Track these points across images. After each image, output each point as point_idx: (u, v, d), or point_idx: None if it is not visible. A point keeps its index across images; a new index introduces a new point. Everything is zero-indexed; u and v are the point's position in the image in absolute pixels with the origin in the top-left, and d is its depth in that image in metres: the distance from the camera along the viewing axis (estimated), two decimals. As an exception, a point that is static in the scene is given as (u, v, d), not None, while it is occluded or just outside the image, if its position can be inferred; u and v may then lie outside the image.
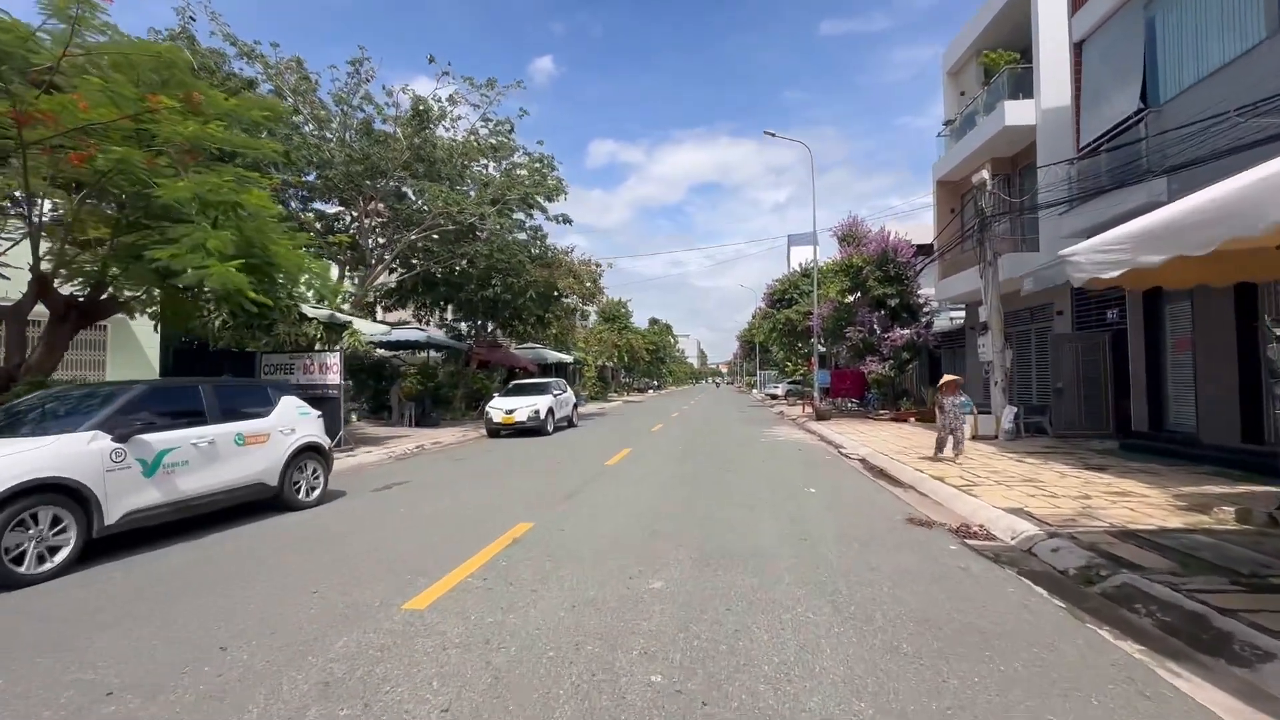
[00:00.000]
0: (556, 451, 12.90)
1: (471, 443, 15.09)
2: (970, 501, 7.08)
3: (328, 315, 11.49)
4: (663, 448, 13.16)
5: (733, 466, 10.39)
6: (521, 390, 17.33)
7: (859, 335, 19.79)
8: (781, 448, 13.48)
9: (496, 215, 16.34)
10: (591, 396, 39.00)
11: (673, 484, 8.67)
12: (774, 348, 42.17)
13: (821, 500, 7.56)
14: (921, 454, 11.10)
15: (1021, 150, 15.76)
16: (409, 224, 17.60)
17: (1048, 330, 15.31)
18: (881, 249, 19.50)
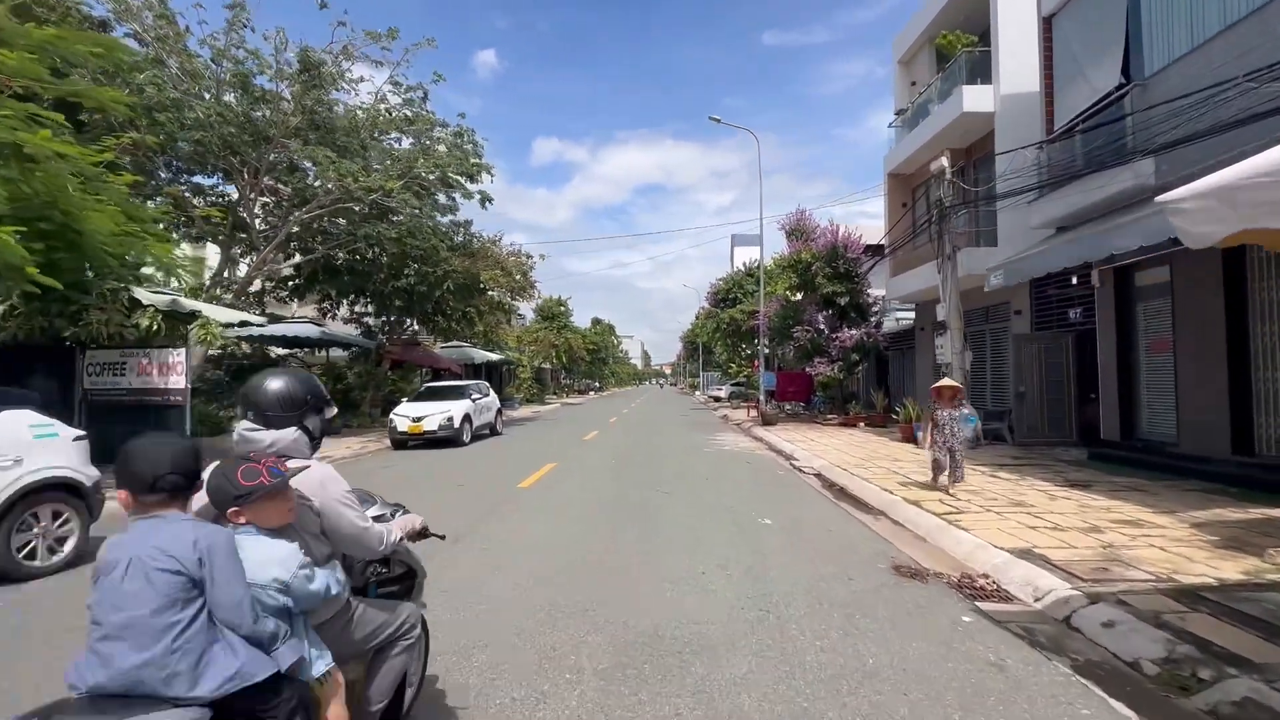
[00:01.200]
0: (465, 468, 10.91)
1: (368, 457, 12.86)
2: (961, 537, 5.66)
3: (168, 302, 9.12)
4: (593, 462, 11.39)
5: (673, 487, 8.74)
6: (435, 394, 15.17)
7: (807, 335, 18.66)
8: (728, 460, 11.96)
9: (403, 191, 14.10)
10: (526, 399, 36.76)
11: (596, 516, 6.91)
12: (717, 348, 41.14)
13: (781, 537, 5.97)
14: (884, 467, 9.80)
15: (977, 140, 14.90)
16: (304, 202, 15.11)
17: (1004, 331, 14.49)
18: (831, 244, 18.44)
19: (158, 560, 1.46)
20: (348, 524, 1.93)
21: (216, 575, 1.51)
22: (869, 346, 18.34)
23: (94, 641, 1.44)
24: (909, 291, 17.04)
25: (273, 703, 1.53)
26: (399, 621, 2.17)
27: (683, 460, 11.72)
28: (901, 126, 17.84)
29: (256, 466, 1.72)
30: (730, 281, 35.82)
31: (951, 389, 7.66)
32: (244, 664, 1.49)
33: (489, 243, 20.46)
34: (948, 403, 7.51)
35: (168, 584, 1.45)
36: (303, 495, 1.85)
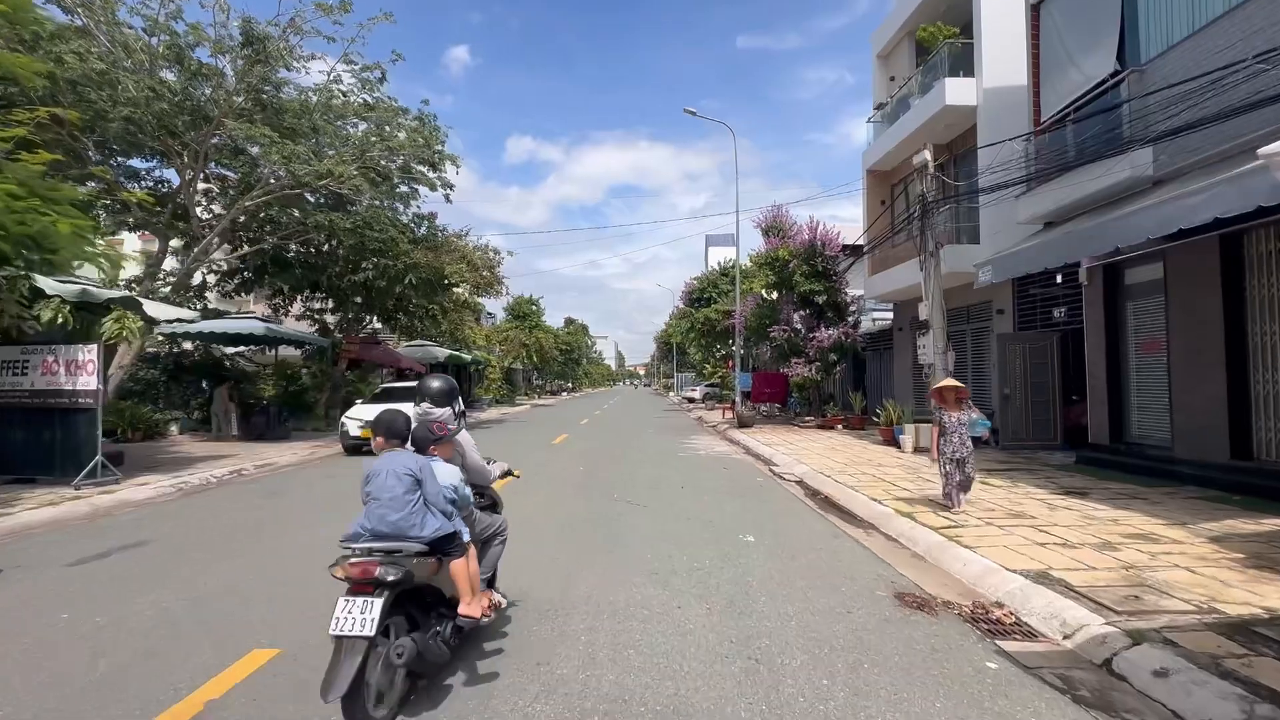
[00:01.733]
0: (420, 476, 10.01)
1: (316, 464, 11.85)
2: (966, 557, 5.06)
3: (77, 292, 8.06)
4: (560, 469, 10.61)
5: (646, 498, 8.02)
6: (392, 396, 14.15)
7: (784, 335, 18.14)
8: (704, 466, 11.29)
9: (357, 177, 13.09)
10: (496, 400, 35.70)
11: (558, 535, 6.15)
12: (691, 349, 40.62)
13: (766, 558, 5.30)
14: (868, 473, 9.23)
15: (959, 135, 14.54)
16: (250, 188, 13.98)
17: (986, 331, 14.14)
18: (809, 241, 17.95)
19: (399, 470, 2.85)
20: (474, 462, 3.55)
21: (426, 480, 2.90)
22: (847, 347, 17.90)
23: (372, 508, 2.83)
24: (887, 290, 16.64)
25: (450, 546, 2.94)
26: (496, 525, 3.69)
27: (657, 466, 11.01)
28: (880, 122, 17.46)
29: (438, 426, 3.18)
30: (705, 281, 35.31)
31: (955, 390, 6.77)
32: (441, 524, 2.88)
33: (454, 237, 19.48)
34: (953, 406, 6.67)
35: (406, 482, 2.84)
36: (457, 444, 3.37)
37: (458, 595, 3.03)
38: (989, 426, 6.99)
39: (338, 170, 12.56)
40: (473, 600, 3.04)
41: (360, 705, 2.46)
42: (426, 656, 2.81)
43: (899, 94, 16.39)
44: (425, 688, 2.98)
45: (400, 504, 2.80)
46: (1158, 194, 7.54)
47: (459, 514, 3.09)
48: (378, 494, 2.84)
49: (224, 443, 14.12)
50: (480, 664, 3.28)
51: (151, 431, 14.41)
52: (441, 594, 3.06)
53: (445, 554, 2.93)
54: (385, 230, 14.59)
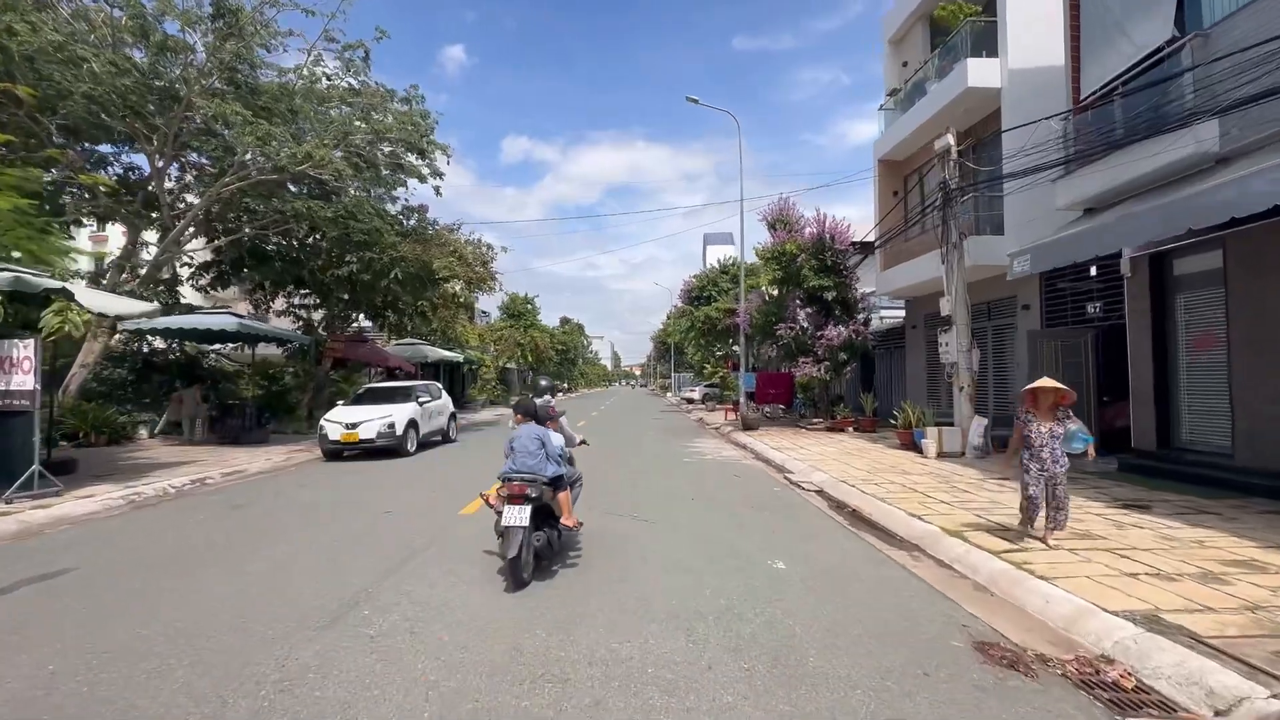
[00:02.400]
0: (400, 487, 9.11)
1: (290, 471, 10.91)
2: (1048, 592, 4.19)
3: (9, 280, 7.11)
4: (556, 476, 9.70)
5: (654, 512, 7.13)
6: (376, 397, 13.25)
7: (791, 333, 17.28)
8: (714, 474, 10.41)
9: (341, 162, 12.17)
10: (490, 401, 34.72)
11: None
12: (690, 348, 39.76)
13: (804, 592, 4.42)
14: (895, 481, 8.36)
15: (980, 121, 13.71)
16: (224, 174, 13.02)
17: (1010, 328, 13.32)
18: (818, 235, 17.11)
19: (532, 435, 4.77)
20: (568, 434, 5.72)
21: (547, 442, 4.79)
22: (858, 346, 17.05)
23: (517, 457, 4.65)
24: (901, 286, 15.81)
25: (560, 482, 4.83)
26: (578, 475, 5.70)
27: (662, 475, 10.12)
28: (893, 109, 16.63)
29: (552, 410, 5.58)
30: (704, 279, 34.42)
31: (1055, 392, 5.24)
32: (555, 469, 4.74)
33: (445, 230, 18.53)
34: (1048, 413, 5.22)
35: (536, 443, 4.71)
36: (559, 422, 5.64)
37: (560, 513, 4.95)
38: (1091, 441, 5.44)
39: (318, 154, 11.61)
40: (569, 517, 5.01)
41: (518, 566, 4.37)
42: (550, 545, 4.76)
43: (913, 79, 15.56)
44: (543, 567, 4.85)
45: (534, 455, 4.72)
46: (1226, 171, 6.72)
47: (564, 465, 5.08)
48: (520, 449, 4.75)
49: (196, 447, 13.15)
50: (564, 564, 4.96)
51: (117, 435, 13.42)
52: (552, 512, 4.91)
53: (557, 487, 4.88)
54: (369, 220, 13.66)
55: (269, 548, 5.58)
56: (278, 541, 5.81)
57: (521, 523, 4.38)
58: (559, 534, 4.93)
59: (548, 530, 4.77)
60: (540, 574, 4.71)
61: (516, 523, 4.38)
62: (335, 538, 5.94)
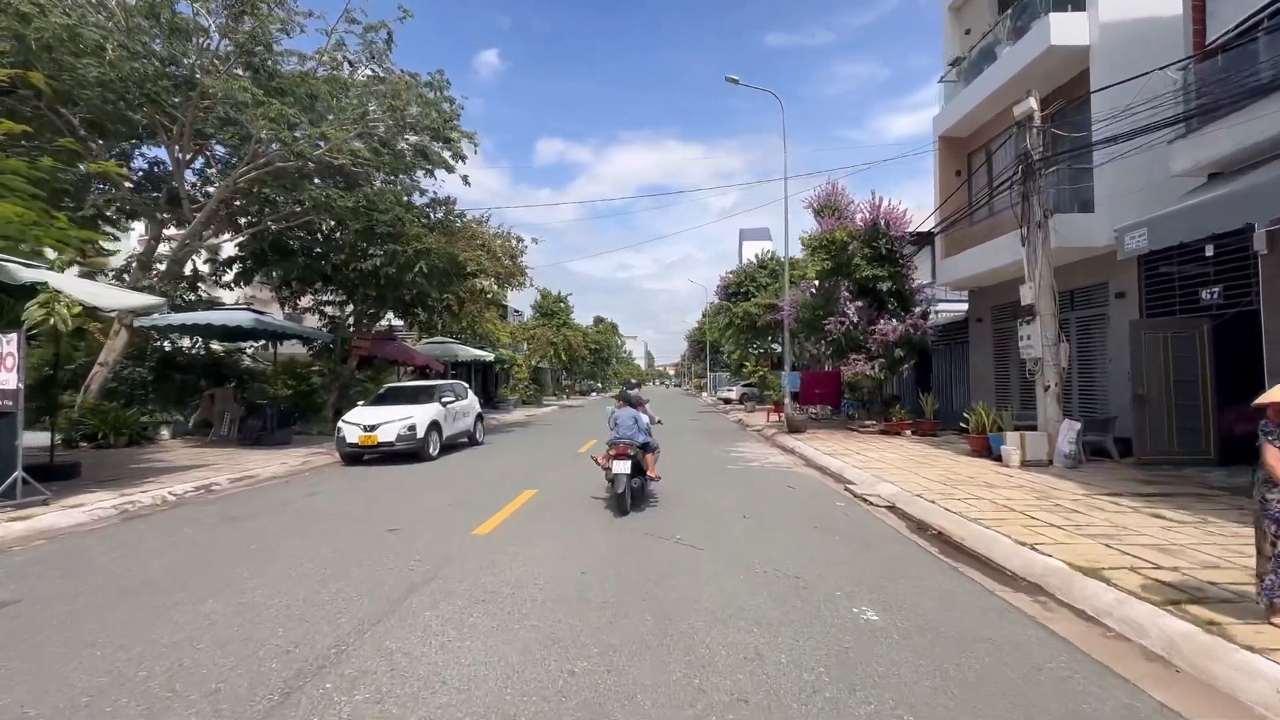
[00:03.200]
0: (413, 498, 8.23)
1: (304, 477, 10.18)
2: (1264, 669, 2.95)
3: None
4: (585, 486, 8.69)
5: (699, 533, 6.04)
6: (398, 397, 12.50)
7: (841, 329, 15.93)
8: (762, 483, 9.25)
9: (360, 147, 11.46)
10: (523, 401, 34.11)
11: (577, 602, 4.21)
12: (728, 346, 38.42)
13: (914, 659, 3.26)
14: (980, 496, 7.05)
15: (1060, 86, 12.16)
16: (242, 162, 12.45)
17: (1100, 320, 11.75)
18: (871, 221, 15.72)
19: (630, 415, 7.31)
20: (650, 414, 7.85)
21: (640, 417, 7.32)
22: (916, 341, 15.59)
23: (620, 429, 7.16)
24: (964, 275, 14.32)
25: (649, 448, 7.26)
26: (657, 444, 7.63)
27: (706, 484, 9.00)
28: (955, 81, 15.12)
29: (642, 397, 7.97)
30: (742, 274, 33.12)
31: None
32: (645, 438, 7.18)
33: (474, 223, 17.77)
34: None
35: (632, 420, 7.23)
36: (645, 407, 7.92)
37: (646, 469, 7.11)
38: None
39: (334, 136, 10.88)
40: (652, 470, 7.25)
41: (623, 500, 6.63)
42: (643, 489, 7.21)
43: (980, 44, 14.05)
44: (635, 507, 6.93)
45: (631, 428, 7.11)
46: None
47: (649, 436, 7.30)
48: (622, 424, 7.18)
49: (217, 449, 12.63)
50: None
51: (138, 436, 13.02)
52: (642, 468, 7.06)
53: (645, 450, 7.11)
54: (391, 209, 12.92)
55: (242, 578, 4.69)
56: (255, 569, 4.93)
57: (624, 471, 6.78)
58: (645, 482, 7.33)
59: (640, 479, 7.13)
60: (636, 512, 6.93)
61: (621, 471, 6.78)
62: (324, 564, 5.03)
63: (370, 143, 12.14)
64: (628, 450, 6.84)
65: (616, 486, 6.69)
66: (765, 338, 31.56)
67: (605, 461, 6.91)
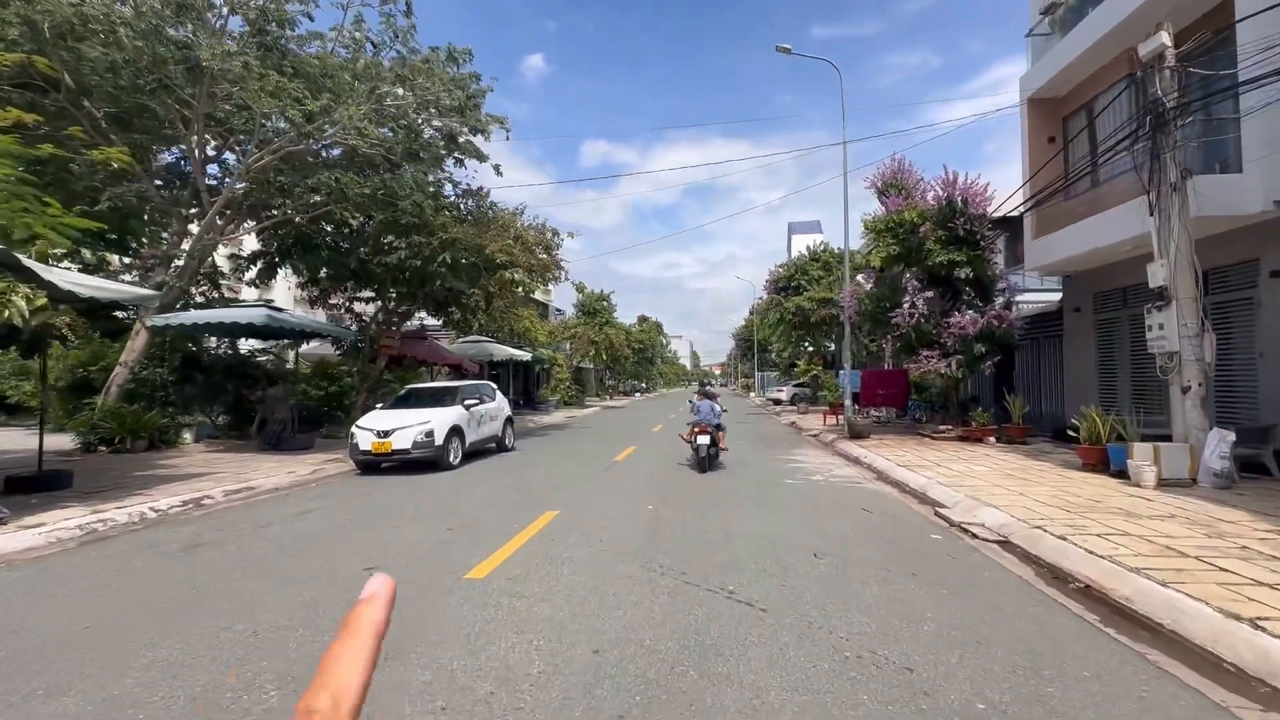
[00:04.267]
0: (413, 520, 7.06)
1: (308, 489, 9.21)
2: None
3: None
4: (616, 510, 7.34)
5: (758, 584, 4.61)
6: (418, 399, 11.48)
7: (910, 322, 14.08)
8: (830, 503, 7.69)
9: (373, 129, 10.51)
10: (564, 402, 33.14)
11: (587, 702, 2.85)
12: (778, 343, 36.49)
13: None
14: (1128, 530, 5.32)
15: (1187, 26, 10.07)
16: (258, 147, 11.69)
17: (1243, 306, 9.64)
18: (946, 198, 13.82)
19: (708, 404, 10.58)
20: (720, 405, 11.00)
21: (714, 407, 10.60)
22: (999, 335, 13.61)
23: (701, 414, 10.38)
24: (1061, 257, 12.31)
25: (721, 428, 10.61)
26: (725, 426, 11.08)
27: (762, 506, 7.52)
28: (1050, 32, 13.09)
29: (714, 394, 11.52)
30: (792, 268, 31.15)
31: None
32: (718, 420, 10.55)
33: (507, 213, 16.72)
34: None
35: (709, 407, 10.52)
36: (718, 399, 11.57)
37: (718, 441, 10.38)
38: None
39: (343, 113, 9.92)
40: (723, 443, 10.62)
41: (703, 464, 10.00)
42: (716, 455, 10.44)
43: (1083, -15, 12.01)
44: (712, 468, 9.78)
45: (709, 413, 10.29)
46: None
47: (720, 419, 10.52)
48: (703, 410, 10.37)
49: (236, 454, 11.93)
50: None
51: (159, 440, 12.46)
52: (716, 441, 10.24)
53: (718, 428, 10.38)
54: (409, 195, 11.93)
55: (138, 651, 3.53)
56: (164, 633, 3.76)
57: (705, 441, 10.01)
58: (717, 452, 10.45)
59: (714, 449, 10.29)
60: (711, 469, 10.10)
61: (703, 441, 10.01)
62: (254, 630, 3.82)
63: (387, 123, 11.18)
64: (707, 428, 10.17)
65: (699, 453, 10.10)
66: (818, 334, 29.59)
67: (690, 436, 10.34)
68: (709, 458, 10.04)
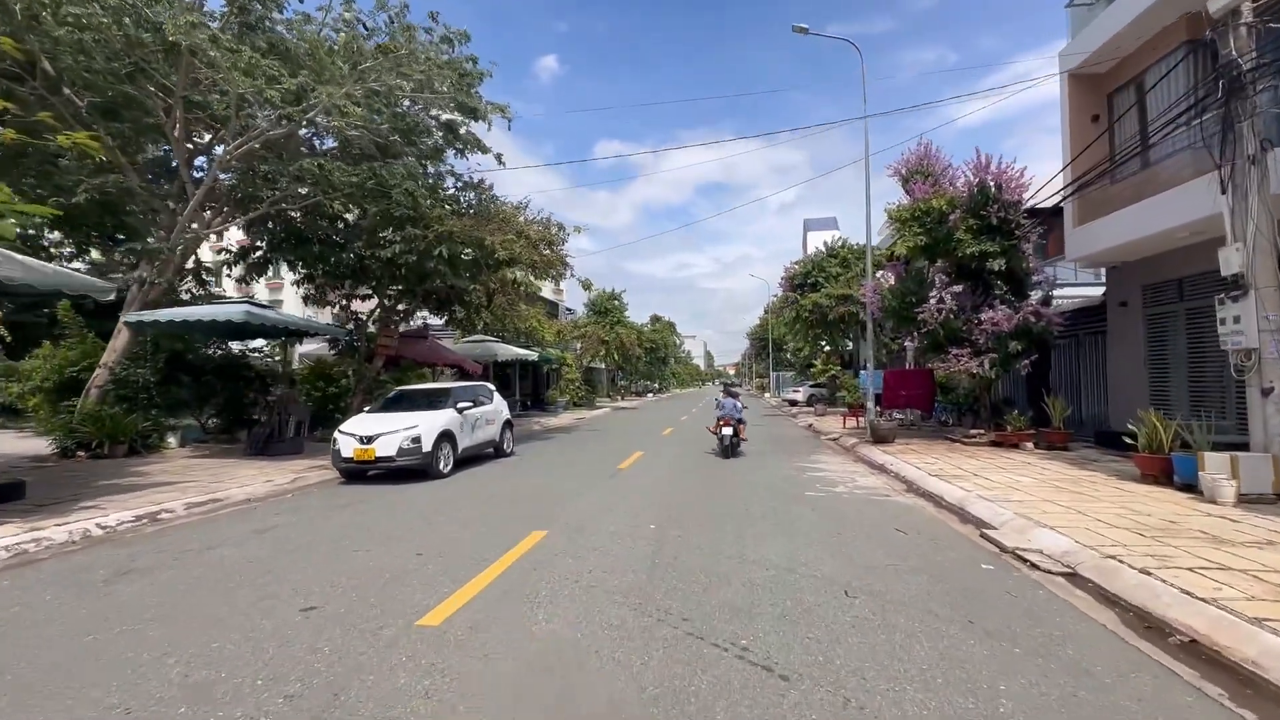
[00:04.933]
0: (386, 538, 6.28)
1: (286, 500, 8.48)
2: None
3: None
4: (611, 535, 6.47)
5: (775, 630, 3.74)
6: (406, 402, 10.73)
7: (938, 317, 13.06)
8: (857, 522, 6.76)
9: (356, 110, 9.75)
10: (574, 403, 32.35)
11: None
12: (793, 342, 35.42)
13: None
14: (1226, 565, 4.35)
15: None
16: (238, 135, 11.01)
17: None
18: (978, 184, 12.78)
19: (730, 401, 12.58)
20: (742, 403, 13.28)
21: (736, 404, 12.65)
22: (1037, 331, 12.55)
23: (725, 409, 12.40)
24: (1107, 246, 11.25)
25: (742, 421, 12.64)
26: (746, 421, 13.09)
27: (780, 525, 6.61)
28: (1092, 2, 12.00)
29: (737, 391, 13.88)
30: (809, 264, 30.06)
31: None
32: (740, 415, 12.52)
33: (512, 209, 15.94)
34: None
35: (734, 405, 12.53)
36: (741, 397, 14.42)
37: (739, 432, 12.32)
38: None
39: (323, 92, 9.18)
40: (743, 433, 12.62)
41: (728, 451, 12.09)
42: (736, 444, 12.28)
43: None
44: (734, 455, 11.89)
45: (733, 409, 12.31)
46: None
47: (742, 414, 12.51)
48: (727, 406, 12.36)
49: (218, 460, 11.27)
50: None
51: (141, 444, 11.84)
52: (737, 432, 12.23)
53: (739, 421, 12.30)
54: (400, 182, 11.17)
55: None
56: (21, 704, 3.00)
57: (730, 432, 11.98)
58: (738, 441, 12.29)
59: (736, 439, 12.09)
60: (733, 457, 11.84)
61: (727, 432, 11.97)
62: (131, 708, 3.04)
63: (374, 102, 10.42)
64: (731, 420, 12.10)
65: (724, 442, 12.06)
66: (836, 332, 28.51)
67: (716, 428, 12.28)
68: (732, 445, 12.16)
